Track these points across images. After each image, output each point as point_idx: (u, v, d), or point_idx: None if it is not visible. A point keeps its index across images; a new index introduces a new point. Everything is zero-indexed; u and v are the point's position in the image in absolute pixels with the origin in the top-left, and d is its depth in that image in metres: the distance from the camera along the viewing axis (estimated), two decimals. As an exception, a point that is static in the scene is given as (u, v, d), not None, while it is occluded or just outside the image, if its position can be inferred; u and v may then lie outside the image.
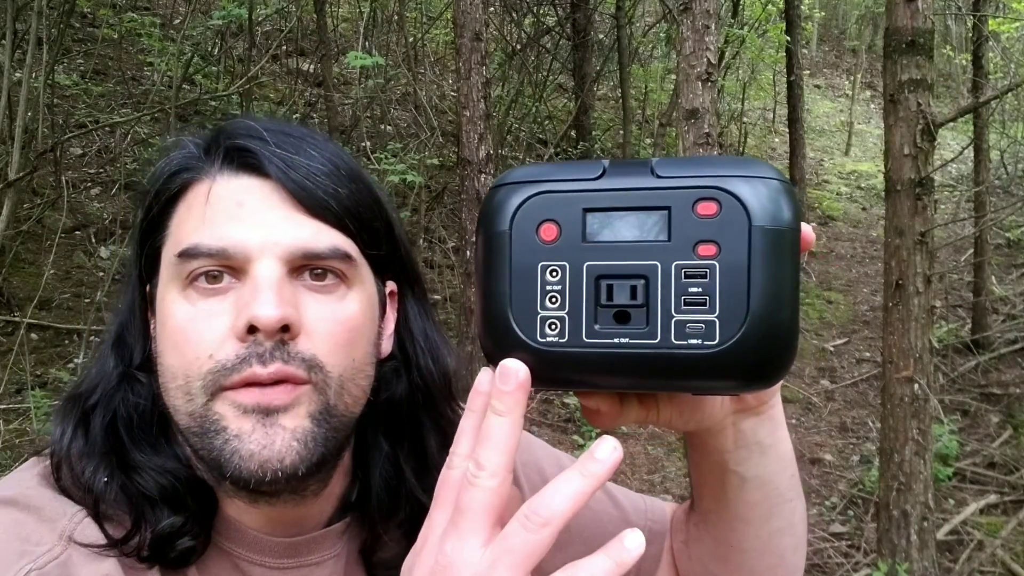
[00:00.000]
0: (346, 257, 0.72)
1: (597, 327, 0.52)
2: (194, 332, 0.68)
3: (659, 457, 5.32)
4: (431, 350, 0.82)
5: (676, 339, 0.51)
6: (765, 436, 0.70)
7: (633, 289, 0.51)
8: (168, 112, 5.58)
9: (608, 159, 0.55)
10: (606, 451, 0.50)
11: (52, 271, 5.15)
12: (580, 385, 0.55)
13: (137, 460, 0.71)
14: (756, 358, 0.50)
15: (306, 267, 0.70)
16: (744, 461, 0.70)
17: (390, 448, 0.79)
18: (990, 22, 8.74)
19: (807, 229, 0.57)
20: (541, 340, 0.53)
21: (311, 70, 8.52)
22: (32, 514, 0.67)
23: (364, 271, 0.75)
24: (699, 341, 0.50)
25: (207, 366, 0.67)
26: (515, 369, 0.52)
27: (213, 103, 6.62)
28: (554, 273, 0.53)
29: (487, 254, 0.54)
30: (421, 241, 6.68)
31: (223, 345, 0.67)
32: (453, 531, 0.51)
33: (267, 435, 0.66)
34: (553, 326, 0.53)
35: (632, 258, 0.51)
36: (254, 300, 0.67)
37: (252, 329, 0.66)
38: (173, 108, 5.42)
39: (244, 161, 0.72)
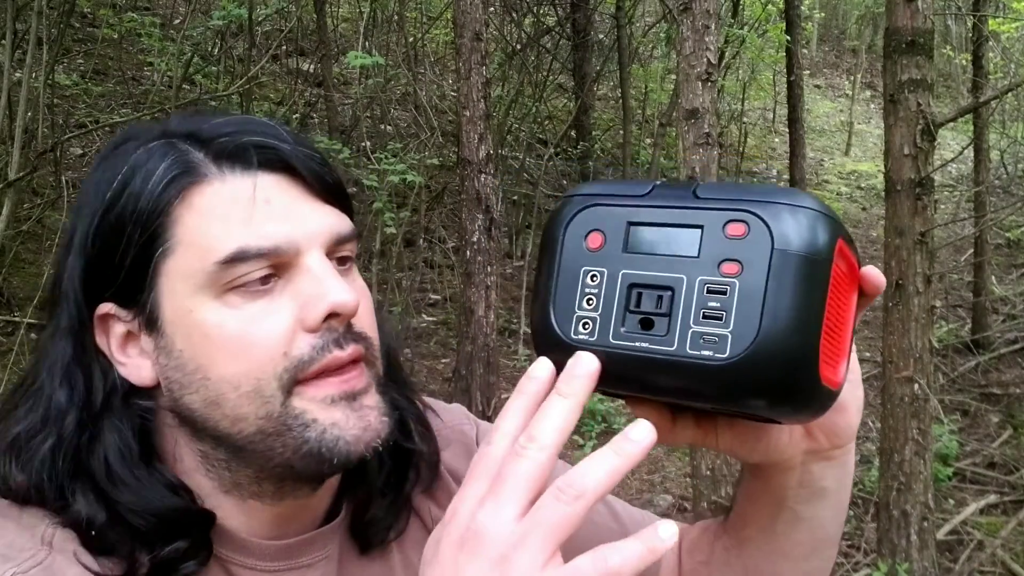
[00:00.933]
0: (359, 236, 0.75)
1: (623, 330, 0.56)
2: (259, 333, 0.67)
3: (659, 457, 5.31)
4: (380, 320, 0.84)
5: (691, 348, 0.54)
6: (831, 482, 0.70)
7: (659, 298, 0.55)
8: (168, 112, 5.58)
9: (661, 180, 0.60)
10: (641, 432, 0.53)
11: (52, 271, 5.14)
12: (602, 382, 0.58)
13: (125, 500, 0.68)
14: (764, 375, 0.52)
15: (335, 251, 0.72)
16: (804, 502, 0.71)
17: None
18: (990, 22, 8.74)
19: (873, 273, 0.60)
20: (574, 337, 0.57)
21: (311, 70, 8.51)
22: (11, 521, 0.66)
23: None
24: (711, 352, 0.53)
25: (282, 364, 0.67)
26: (589, 359, 0.56)
27: (213, 103, 6.61)
28: (594, 278, 0.58)
29: (544, 255, 0.60)
30: (421, 241, 6.68)
31: (295, 340, 0.67)
32: (491, 499, 0.52)
33: (361, 418, 0.69)
34: (586, 325, 0.57)
35: (662, 270, 0.55)
36: (326, 289, 0.67)
37: (329, 317, 0.67)
38: (173, 108, 5.42)
39: (254, 158, 0.70)
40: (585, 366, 0.55)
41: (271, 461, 0.69)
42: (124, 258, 0.68)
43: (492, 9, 7.96)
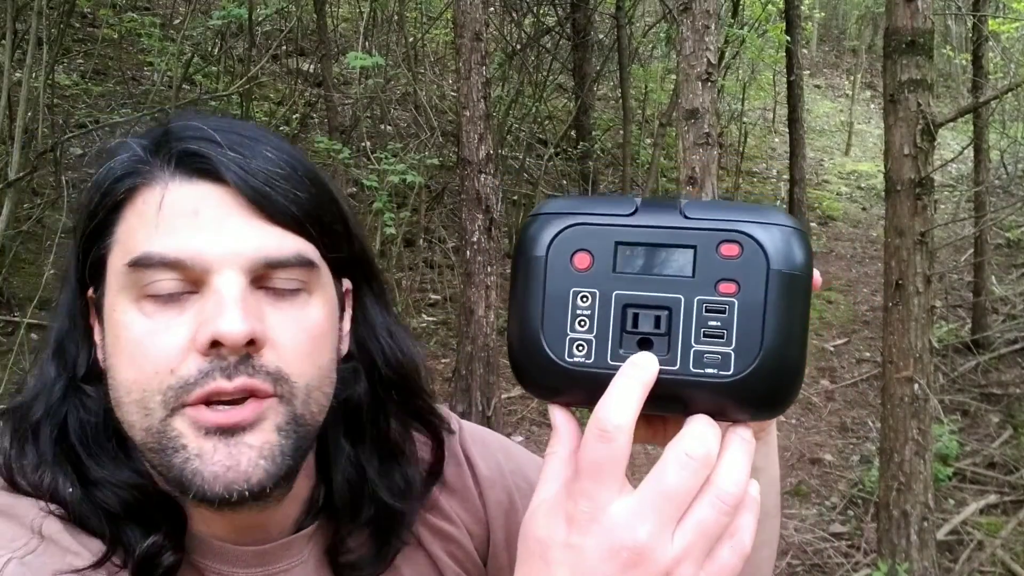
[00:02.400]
0: (309, 264, 0.70)
1: (622, 351, 0.56)
2: (153, 346, 0.65)
3: (660, 456, 5.31)
4: (398, 344, 0.80)
5: (694, 367, 0.55)
6: (760, 460, 0.71)
7: (657, 319, 0.56)
8: (168, 112, 5.58)
9: (640, 196, 0.61)
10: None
11: (52, 271, 5.14)
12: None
13: (97, 476, 0.69)
14: (767, 389, 0.55)
15: (268, 276, 0.68)
16: None
17: (351, 448, 0.78)
18: (990, 22, 8.74)
19: (816, 274, 0.63)
20: (568, 360, 0.57)
21: (311, 70, 8.51)
22: (2, 515, 0.67)
23: (325, 275, 0.73)
24: (715, 370, 0.55)
25: (167, 381, 0.65)
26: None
27: (213, 103, 6.62)
28: (584, 299, 0.57)
29: (523, 277, 0.59)
30: (421, 241, 6.68)
31: (185, 360, 0.65)
32: (655, 518, 0.53)
33: (231, 455, 0.65)
34: (580, 347, 0.57)
35: (658, 290, 0.56)
36: (218, 314, 0.64)
37: (215, 344, 0.64)
38: (173, 108, 5.42)
39: (197, 166, 0.68)
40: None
41: (162, 477, 0.69)
42: (87, 248, 0.71)
43: (492, 9, 7.96)
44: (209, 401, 0.65)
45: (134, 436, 0.68)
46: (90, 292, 0.73)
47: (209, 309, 0.65)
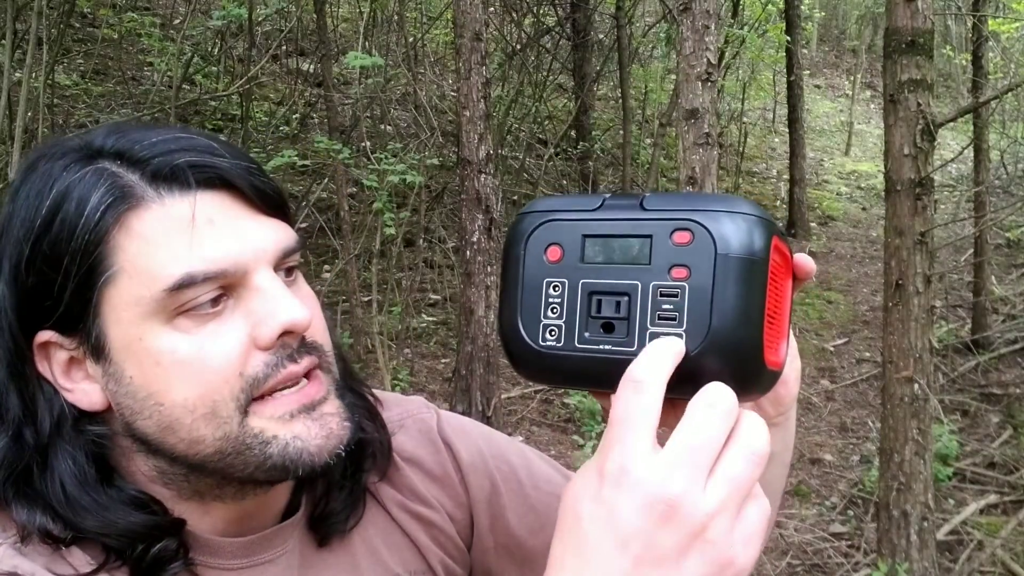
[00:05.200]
0: (304, 245, 0.75)
1: (587, 335, 0.61)
2: (211, 357, 0.66)
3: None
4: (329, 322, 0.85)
5: None
6: (778, 445, 0.73)
7: (618, 304, 0.60)
8: (168, 112, 5.58)
9: (609, 193, 0.65)
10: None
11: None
12: (572, 383, 0.66)
13: (89, 526, 0.68)
14: (717, 367, 0.58)
15: (282, 264, 0.72)
16: None
17: None
18: (990, 22, 8.74)
19: (805, 260, 0.66)
20: (542, 344, 0.62)
21: (311, 70, 8.51)
22: None
23: None
24: None
25: (238, 385, 0.67)
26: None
27: (213, 103, 6.62)
28: (556, 288, 0.62)
29: (506, 270, 0.65)
30: (421, 241, 6.67)
31: (248, 360, 0.67)
32: (689, 469, 0.53)
33: (323, 426, 0.70)
34: (552, 332, 0.62)
35: (618, 277, 0.60)
36: (278, 308, 0.68)
37: (283, 335, 0.68)
38: (173, 108, 5.43)
39: (200, 177, 0.68)
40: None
41: (232, 475, 0.70)
42: (63, 290, 0.66)
43: (492, 9, 7.96)
44: (273, 391, 0.69)
45: (202, 451, 0.68)
46: (50, 337, 0.68)
47: (264, 306, 0.68)
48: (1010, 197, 10.33)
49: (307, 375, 0.71)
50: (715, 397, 0.54)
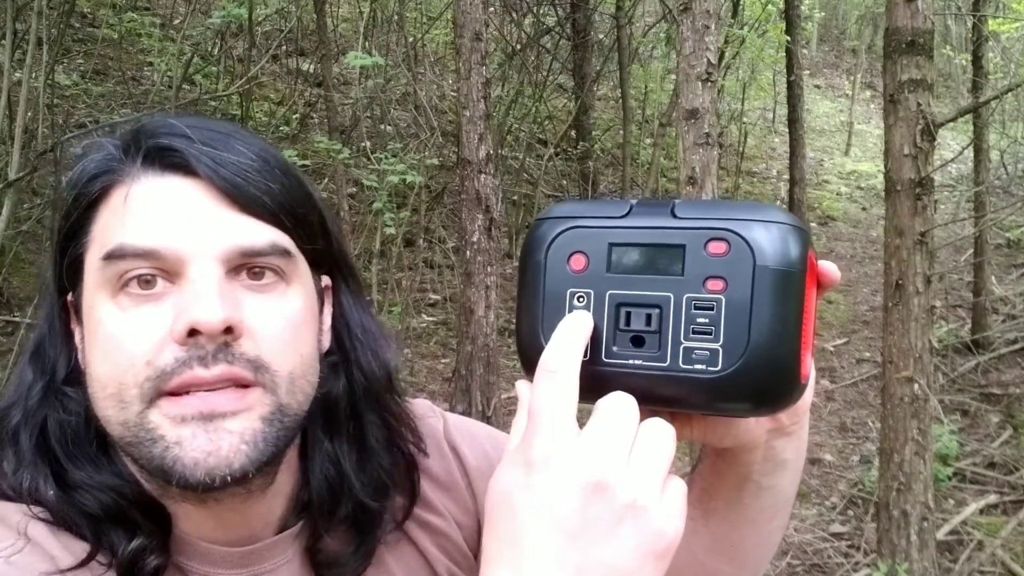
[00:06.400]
0: (285, 253, 0.70)
1: (615, 348, 0.58)
2: (129, 338, 0.65)
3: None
4: (370, 344, 0.80)
5: (683, 363, 0.57)
6: (791, 453, 0.74)
7: (648, 317, 0.57)
8: (168, 112, 5.58)
9: (636, 198, 0.62)
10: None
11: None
12: (600, 395, 0.60)
13: (77, 479, 0.69)
14: (755, 384, 0.56)
15: (244, 266, 0.68)
16: (768, 474, 0.74)
17: (329, 443, 0.78)
18: (990, 22, 8.74)
19: (830, 267, 0.63)
20: None
21: (311, 70, 8.51)
22: None
23: (302, 266, 0.73)
24: (703, 366, 0.56)
25: (144, 373, 0.65)
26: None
27: (213, 103, 6.62)
28: (580, 299, 0.59)
29: (526, 278, 0.62)
30: (421, 241, 6.68)
31: (161, 350, 0.65)
32: (615, 449, 0.56)
33: (211, 441, 0.64)
34: None
35: (649, 289, 0.57)
36: (195, 302, 0.64)
37: (192, 333, 0.64)
38: (173, 108, 5.42)
39: (169, 161, 0.69)
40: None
41: (143, 470, 0.69)
42: (64, 249, 0.72)
43: (492, 9, 7.96)
44: (187, 391, 0.65)
45: (111, 431, 0.68)
46: (69, 296, 0.73)
47: (186, 299, 0.65)
48: (1010, 197, 10.32)
49: (245, 386, 0.66)
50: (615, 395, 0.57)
